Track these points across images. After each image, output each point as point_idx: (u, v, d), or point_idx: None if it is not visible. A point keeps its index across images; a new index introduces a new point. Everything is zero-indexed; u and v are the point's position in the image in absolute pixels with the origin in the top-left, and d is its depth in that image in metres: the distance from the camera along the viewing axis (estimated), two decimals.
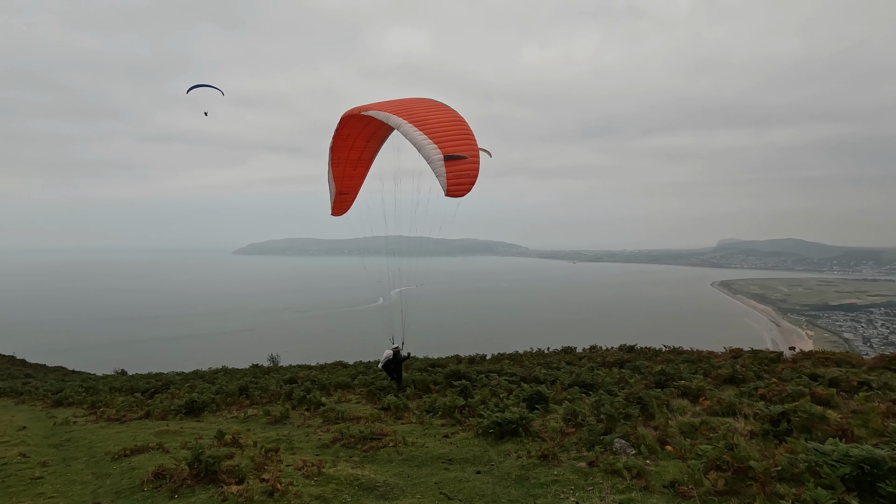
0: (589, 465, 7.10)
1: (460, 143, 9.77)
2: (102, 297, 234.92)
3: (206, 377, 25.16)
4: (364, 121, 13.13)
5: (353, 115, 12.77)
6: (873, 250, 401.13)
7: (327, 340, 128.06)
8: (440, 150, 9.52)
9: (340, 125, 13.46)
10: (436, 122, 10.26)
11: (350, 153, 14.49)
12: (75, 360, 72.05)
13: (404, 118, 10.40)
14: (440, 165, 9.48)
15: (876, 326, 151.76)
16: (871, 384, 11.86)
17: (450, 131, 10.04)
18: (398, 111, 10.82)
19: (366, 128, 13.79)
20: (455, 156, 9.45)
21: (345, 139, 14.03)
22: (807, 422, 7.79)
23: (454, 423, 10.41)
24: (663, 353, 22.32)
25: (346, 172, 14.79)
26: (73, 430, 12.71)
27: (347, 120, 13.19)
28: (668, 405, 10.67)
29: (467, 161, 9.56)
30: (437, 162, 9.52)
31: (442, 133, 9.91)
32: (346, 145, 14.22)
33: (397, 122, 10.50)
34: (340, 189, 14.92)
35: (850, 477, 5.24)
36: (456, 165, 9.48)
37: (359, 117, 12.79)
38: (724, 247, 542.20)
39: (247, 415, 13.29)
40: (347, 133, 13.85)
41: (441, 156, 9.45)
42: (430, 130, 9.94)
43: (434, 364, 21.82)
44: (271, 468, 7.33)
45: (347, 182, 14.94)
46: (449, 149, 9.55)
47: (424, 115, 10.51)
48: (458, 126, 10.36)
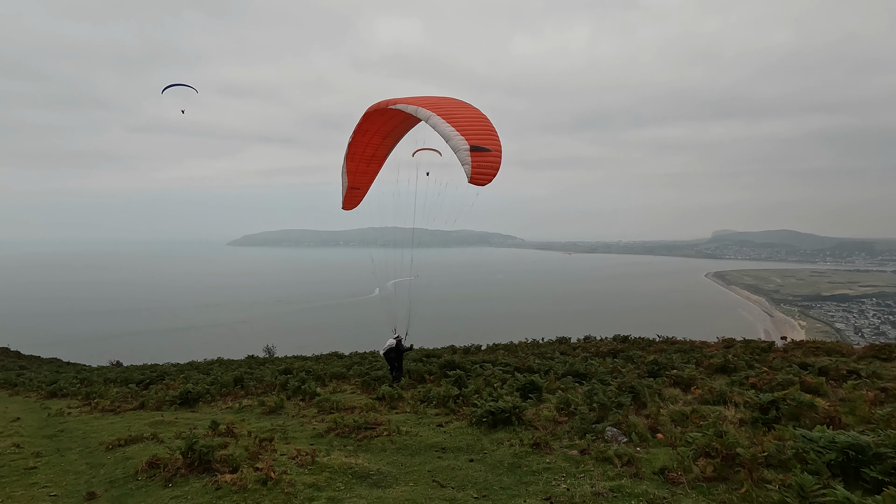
0: (580, 453, 7.18)
1: (485, 137, 10.39)
2: (96, 289, 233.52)
3: (201, 368, 25.18)
4: (386, 116, 13.43)
5: (379, 110, 13.02)
6: (865, 241, 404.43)
7: (323, 332, 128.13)
8: (467, 141, 10.12)
9: (363, 119, 13.70)
10: (462, 117, 10.90)
11: (366, 149, 14.80)
12: (70, 352, 71.76)
13: (433, 111, 11.03)
14: (466, 155, 10.08)
15: (867, 317, 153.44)
16: (860, 373, 12.03)
17: (475, 125, 10.66)
18: (426, 104, 11.41)
19: (385, 124, 14.10)
20: (481, 147, 10.08)
21: (363, 134, 14.25)
22: (795, 409, 7.89)
23: (448, 412, 10.48)
24: (657, 343, 22.51)
25: (359, 168, 15.06)
26: (67, 420, 12.70)
27: (371, 115, 13.42)
28: (660, 394, 10.78)
29: (491, 154, 10.21)
30: (463, 151, 10.12)
31: (468, 126, 10.53)
32: (363, 140, 14.47)
33: (427, 115, 11.10)
34: (353, 184, 15.22)
35: (836, 463, 5.33)
36: (480, 157, 10.08)
37: (382, 111, 13.10)
38: (718, 238, 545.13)
39: (241, 405, 13.32)
40: (367, 128, 14.11)
41: (468, 146, 10.06)
42: (457, 123, 10.54)
43: (429, 354, 21.91)
44: (265, 457, 7.36)
45: (360, 177, 15.25)
46: (475, 140, 10.16)
47: (452, 110, 11.17)
48: (483, 122, 10.97)
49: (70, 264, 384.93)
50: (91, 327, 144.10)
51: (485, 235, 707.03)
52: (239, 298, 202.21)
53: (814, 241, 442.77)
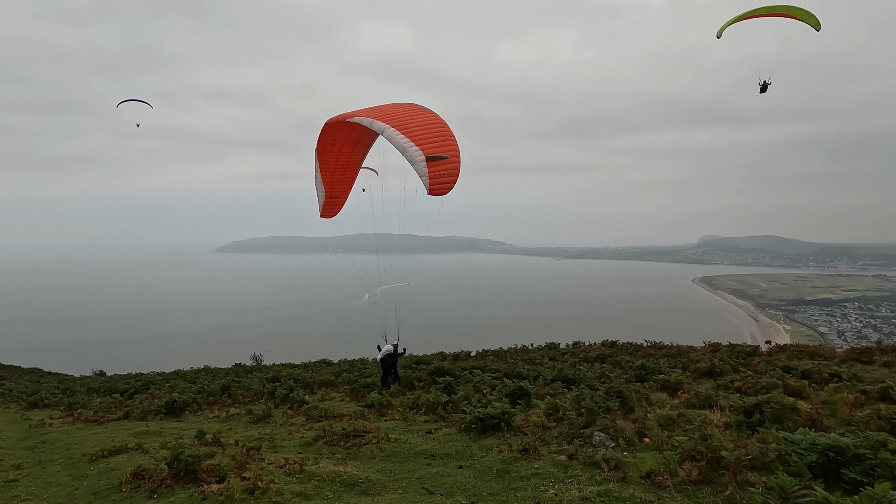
0: (569, 458, 7.23)
1: (441, 145, 10.23)
2: (79, 296, 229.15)
3: (187, 377, 24.84)
4: (349, 126, 13.32)
5: (338, 122, 12.90)
6: (847, 246, 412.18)
7: (312, 339, 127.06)
8: (422, 152, 9.99)
9: (325, 130, 13.60)
10: (417, 126, 10.72)
11: (339, 158, 14.75)
12: (52, 361, 70.24)
13: (387, 123, 10.86)
14: (423, 166, 9.94)
15: (850, 320, 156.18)
16: (842, 376, 12.26)
17: (431, 133, 10.49)
18: (381, 116, 11.24)
19: (351, 133, 14.08)
20: (436, 156, 9.93)
21: (332, 144, 14.22)
22: (779, 412, 8.04)
23: (437, 419, 10.48)
24: (644, 348, 22.71)
25: (335, 177, 15.00)
26: (49, 432, 12.46)
27: (333, 126, 13.32)
28: (648, 398, 10.89)
29: (448, 161, 10.05)
30: (419, 163, 9.99)
31: (423, 136, 10.36)
32: (333, 150, 14.43)
33: (381, 127, 10.95)
34: (330, 193, 15.17)
35: (817, 464, 5.44)
36: (438, 166, 9.95)
37: (343, 123, 12.93)
38: (705, 243, 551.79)
39: (229, 414, 13.18)
40: (334, 138, 14.08)
41: (423, 157, 9.93)
42: (412, 134, 10.40)
43: (419, 361, 21.87)
44: (253, 466, 7.30)
45: (337, 186, 15.21)
46: (430, 150, 10.01)
47: (406, 119, 10.97)
48: (439, 128, 10.82)
49: (52, 270, 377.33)
50: (74, 336, 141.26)
51: (475, 241, 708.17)
52: (226, 305, 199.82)
53: (797, 247, 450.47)
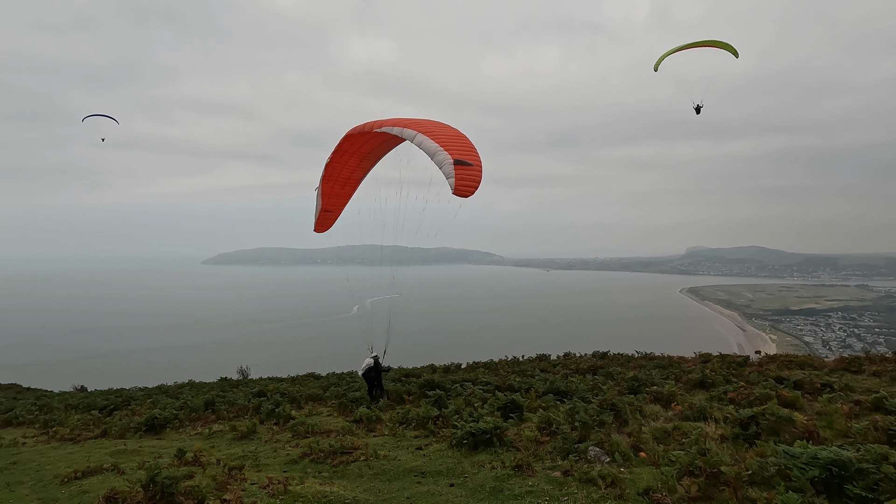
0: (564, 475, 7.01)
1: (467, 153, 11.15)
2: (60, 308, 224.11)
3: (170, 392, 24.15)
4: (365, 138, 13.75)
5: (363, 133, 13.37)
6: (830, 257, 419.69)
7: (300, 352, 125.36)
8: (451, 156, 10.82)
9: (343, 141, 13.85)
10: (445, 135, 11.67)
11: (342, 171, 14.97)
12: (31, 376, 68.16)
13: (418, 130, 11.80)
14: (451, 168, 10.72)
15: (834, 330, 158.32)
16: (833, 386, 12.23)
17: (457, 142, 11.42)
18: (412, 126, 12.11)
19: (364, 146, 14.36)
20: (463, 161, 10.75)
21: (340, 155, 14.39)
22: (775, 424, 7.91)
23: (428, 434, 10.19)
24: (635, 358, 22.62)
25: (333, 190, 15.15)
26: (21, 451, 11.89)
27: (352, 137, 13.57)
28: (641, 411, 10.73)
29: (473, 168, 10.89)
30: (448, 165, 10.79)
31: (451, 143, 11.30)
32: (340, 162, 14.66)
33: (412, 135, 11.84)
34: (326, 206, 15.25)
35: (820, 479, 5.28)
36: (464, 171, 10.73)
37: (360, 135, 13.32)
38: (691, 254, 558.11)
39: (212, 431, 12.73)
40: (346, 149, 14.23)
41: (452, 160, 10.75)
42: (440, 140, 11.33)
43: (408, 374, 21.51)
44: (234, 487, 6.97)
45: (334, 200, 15.36)
46: (458, 155, 10.86)
47: (435, 129, 11.94)
48: (464, 140, 11.77)
49: (34, 282, 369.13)
50: (55, 349, 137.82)
51: (464, 253, 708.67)
52: (212, 318, 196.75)
53: (781, 257, 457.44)
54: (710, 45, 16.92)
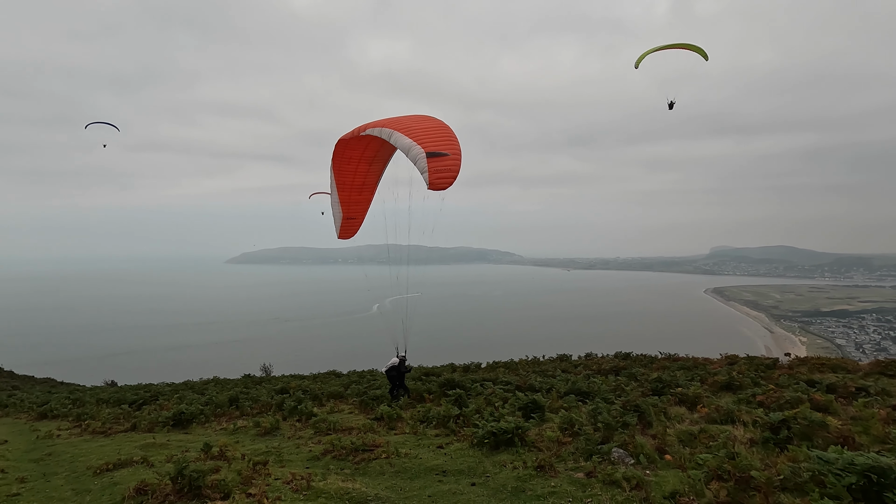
0: (587, 476, 6.91)
1: (442, 143, 10.64)
2: (93, 307, 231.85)
3: (196, 388, 24.73)
4: (363, 142, 13.64)
5: (353, 138, 13.12)
6: (863, 257, 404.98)
7: (321, 350, 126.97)
8: (423, 149, 10.39)
9: (339, 148, 13.76)
10: (421, 129, 11.23)
11: (355, 178, 14.87)
12: (65, 371, 70.73)
13: (394, 129, 11.41)
14: (423, 161, 10.29)
15: (868, 332, 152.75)
16: (869, 390, 11.78)
17: (433, 135, 10.93)
18: (388, 125, 11.75)
19: (366, 150, 14.23)
20: (436, 153, 10.26)
21: (347, 162, 14.31)
22: (807, 429, 7.65)
23: (448, 433, 10.18)
24: (659, 360, 22.20)
25: (351, 197, 15.07)
26: (56, 443, 12.33)
27: (347, 142, 13.42)
28: (666, 413, 10.51)
29: (448, 158, 10.36)
30: (420, 159, 10.36)
31: (425, 136, 10.84)
32: (349, 169, 14.53)
33: (388, 133, 11.47)
34: (347, 214, 15.18)
35: (857, 486, 5.08)
36: (438, 162, 10.25)
37: (357, 139, 13.15)
38: (716, 254, 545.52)
39: (236, 426, 12.97)
40: (349, 156, 14.23)
41: (424, 153, 10.30)
42: (415, 135, 10.90)
43: (428, 373, 21.55)
44: (258, 482, 7.07)
45: (354, 207, 15.28)
46: (431, 147, 10.38)
47: (411, 124, 11.56)
48: (442, 130, 11.27)
49: (66, 282, 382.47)
50: (87, 346, 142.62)
51: (483, 252, 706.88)
52: (236, 317, 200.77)
53: (811, 257, 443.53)
54: (684, 47, 18.25)
